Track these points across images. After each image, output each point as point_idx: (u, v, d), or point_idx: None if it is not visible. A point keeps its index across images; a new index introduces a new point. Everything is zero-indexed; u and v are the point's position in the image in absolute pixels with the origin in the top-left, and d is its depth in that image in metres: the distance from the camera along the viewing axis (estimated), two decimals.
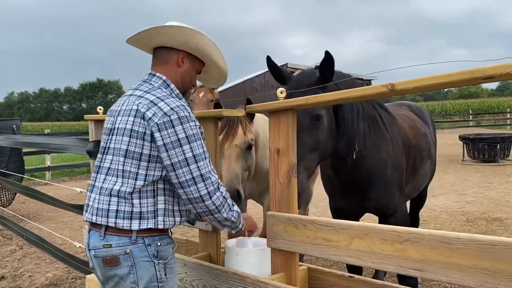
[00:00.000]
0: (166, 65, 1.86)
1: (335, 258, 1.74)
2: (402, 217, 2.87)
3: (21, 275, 4.50)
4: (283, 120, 1.99)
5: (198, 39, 1.83)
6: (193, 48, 1.85)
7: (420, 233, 1.48)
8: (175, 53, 1.85)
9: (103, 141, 1.82)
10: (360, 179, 2.74)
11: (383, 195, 2.80)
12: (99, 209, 1.70)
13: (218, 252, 2.39)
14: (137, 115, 1.69)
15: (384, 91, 1.59)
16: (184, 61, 1.87)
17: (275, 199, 2.05)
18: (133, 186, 1.67)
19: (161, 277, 1.70)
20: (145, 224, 1.66)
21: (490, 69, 1.32)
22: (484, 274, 1.32)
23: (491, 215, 6.28)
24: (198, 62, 1.93)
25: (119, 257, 1.64)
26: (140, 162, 1.68)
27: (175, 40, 1.81)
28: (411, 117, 3.60)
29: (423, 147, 3.41)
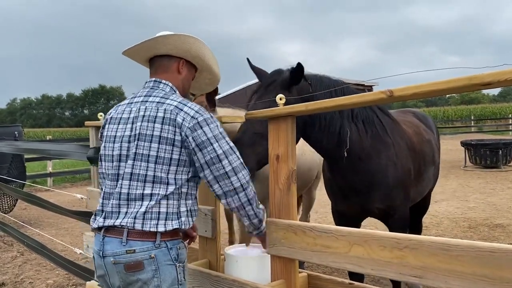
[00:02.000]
0: (168, 72, 1.91)
1: (334, 265, 1.73)
2: (401, 219, 2.91)
3: (22, 282, 4.50)
4: (282, 126, 1.99)
5: (198, 47, 1.92)
6: (194, 55, 1.93)
7: (419, 240, 1.48)
8: (176, 61, 1.92)
9: (117, 149, 1.79)
10: (359, 182, 2.76)
11: (384, 198, 2.82)
12: (127, 213, 1.70)
13: (218, 258, 2.38)
14: (165, 121, 1.73)
15: (382, 97, 1.60)
16: (183, 68, 1.94)
17: (275, 205, 2.04)
18: (166, 190, 1.73)
19: (181, 280, 1.76)
20: (170, 225, 1.71)
21: (487, 75, 1.32)
22: (483, 281, 1.32)
23: (493, 221, 6.26)
24: (193, 69, 2.02)
25: (143, 262, 1.66)
26: (170, 167, 1.73)
27: (179, 48, 1.88)
28: (415, 123, 3.64)
29: (427, 152, 3.44)
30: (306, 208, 4.79)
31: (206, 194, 2.41)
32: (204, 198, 2.43)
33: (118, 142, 1.80)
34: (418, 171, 3.19)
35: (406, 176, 2.92)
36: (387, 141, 2.82)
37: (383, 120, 2.88)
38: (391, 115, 3.10)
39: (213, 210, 2.35)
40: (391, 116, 3.07)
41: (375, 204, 2.84)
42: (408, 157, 2.97)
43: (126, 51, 1.93)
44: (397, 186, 2.83)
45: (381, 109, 2.97)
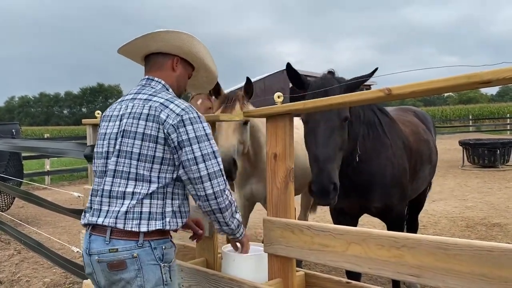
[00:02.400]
0: (162, 70, 1.89)
1: (331, 263, 1.72)
2: (398, 216, 2.99)
3: (19, 280, 4.48)
4: (280, 125, 1.98)
5: (191, 43, 1.88)
6: (187, 52, 1.90)
7: (417, 239, 1.47)
8: (170, 58, 1.90)
9: (105, 146, 1.80)
10: (361, 182, 2.80)
11: (383, 197, 2.88)
12: (108, 211, 1.70)
13: (215, 257, 2.37)
14: (149, 118, 1.71)
15: (381, 96, 1.59)
16: (178, 65, 1.92)
17: (272, 204, 2.04)
18: (148, 188, 1.70)
19: (167, 280, 1.72)
20: (153, 226, 1.68)
21: (487, 73, 1.31)
22: (481, 280, 1.31)
23: (491, 221, 6.26)
24: (189, 67, 1.98)
25: (126, 261, 1.65)
26: (153, 165, 1.71)
27: (171, 45, 1.85)
28: (415, 123, 3.68)
29: (424, 152, 3.48)
30: (305, 207, 4.79)
31: None
32: None
33: (106, 139, 1.81)
34: (414, 170, 3.23)
35: (403, 175, 2.96)
36: (386, 142, 2.86)
37: (383, 121, 2.93)
38: (389, 114, 3.13)
39: None
40: (389, 115, 3.11)
41: (374, 203, 2.90)
42: (404, 156, 3.02)
43: (120, 49, 1.92)
44: (395, 185, 2.88)
45: (380, 110, 3.01)
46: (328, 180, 2.19)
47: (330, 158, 2.24)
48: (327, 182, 2.19)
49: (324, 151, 2.24)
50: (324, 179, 2.19)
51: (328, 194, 2.19)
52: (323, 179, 2.19)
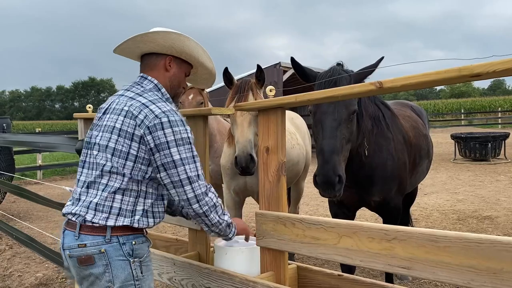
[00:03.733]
0: (155, 70, 1.88)
1: (323, 256, 1.73)
2: (395, 209, 3.03)
3: (10, 275, 4.45)
4: (272, 118, 1.98)
5: (183, 42, 1.84)
6: (179, 51, 1.87)
7: (408, 231, 1.48)
8: (163, 58, 1.88)
9: (89, 136, 1.83)
10: (362, 175, 2.82)
11: (383, 190, 2.90)
12: (83, 201, 1.71)
13: (207, 251, 2.38)
14: (127, 115, 1.72)
15: (372, 89, 1.59)
16: (172, 65, 1.89)
17: (264, 197, 2.04)
18: (121, 182, 1.70)
19: (138, 275, 1.71)
20: (121, 221, 1.68)
21: (477, 67, 1.32)
22: (470, 272, 1.32)
23: (482, 214, 6.32)
24: (185, 65, 1.95)
25: (94, 257, 1.65)
26: (126, 162, 1.71)
27: (161, 45, 1.84)
28: (414, 118, 3.71)
29: (422, 147, 3.52)
30: (295, 200, 4.80)
31: None
32: None
33: (91, 131, 1.85)
34: (413, 164, 3.26)
35: (402, 169, 2.99)
36: (388, 136, 2.89)
37: (386, 115, 2.94)
38: (391, 109, 3.15)
39: None
40: (391, 109, 3.13)
41: (374, 196, 2.92)
42: (404, 150, 3.04)
43: (115, 50, 1.91)
44: (395, 179, 2.92)
45: (383, 103, 3.03)
46: (333, 172, 2.18)
47: (336, 150, 2.23)
48: (331, 174, 2.18)
49: (330, 142, 2.24)
50: (329, 171, 2.18)
51: (333, 186, 2.18)
52: (328, 170, 2.18)
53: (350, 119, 2.37)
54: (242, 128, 2.90)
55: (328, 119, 2.29)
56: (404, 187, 3.12)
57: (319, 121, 2.34)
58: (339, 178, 2.20)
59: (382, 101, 3.05)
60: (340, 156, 2.26)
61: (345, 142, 2.34)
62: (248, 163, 2.82)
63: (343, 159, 2.32)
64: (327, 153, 2.22)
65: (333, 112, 2.29)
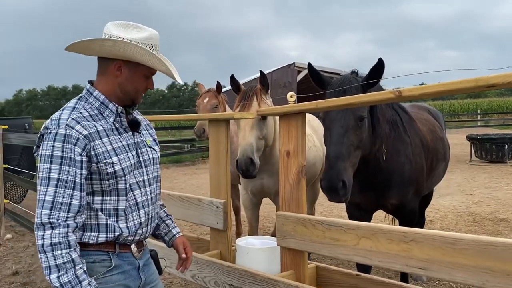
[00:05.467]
0: (105, 74, 1.71)
1: (343, 257, 1.81)
2: (411, 212, 3.08)
3: (35, 271, 4.62)
4: (293, 123, 2.06)
5: (121, 48, 1.64)
6: (122, 57, 1.67)
7: (425, 234, 1.55)
8: (111, 62, 1.68)
9: None
10: (379, 179, 2.87)
11: (400, 194, 2.95)
12: None
13: (229, 250, 2.47)
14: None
15: (391, 97, 1.66)
16: (123, 69, 1.68)
17: (285, 199, 2.12)
18: None
19: None
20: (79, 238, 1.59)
21: (493, 78, 1.38)
22: (486, 273, 1.39)
23: (498, 216, 6.29)
24: (144, 67, 1.70)
25: None
26: None
27: (103, 52, 1.67)
28: (431, 121, 3.75)
29: (439, 150, 3.57)
30: (311, 201, 4.86)
31: (218, 187, 2.49)
32: (216, 191, 2.51)
33: None
34: (430, 167, 3.31)
35: (419, 173, 3.04)
36: (406, 140, 2.94)
37: (404, 119, 3.00)
38: (409, 113, 3.20)
39: (224, 203, 2.43)
40: (409, 113, 3.18)
41: (391, 199, 2.98)
42: (421, 154, 3.09)
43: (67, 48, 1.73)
44: (412, 182, 2.97)
45: (401, 107, 3.08)
46: (337, 178, 2.23)
47: (341, 156, 2.28)
48: (335, 179, 2.23)
49: (336, 149, 2.30)
50: (333, 176, 2.23)
51: (336, 191, 2.23)
52: (331, 176, 2.24)
53: (358, 126, 2.41)
54: (244, 132, 2.99)
55: (336, 126, 2.35)
56: (421, 191, 3.17)
57: (328, 128, 2.41)
58: (343, 183, 2.23)
59: (400, 105, 3.10)
60: (346, 162, 2.29)
61: (353, 148, 2.38)
62: (248, 166, 2.90)
63: (350, 165, 2.35)
64: (333, 159, 2.27)
65: (340, 119, 2.35)
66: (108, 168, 1.58)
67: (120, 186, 1.63)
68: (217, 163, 2.52)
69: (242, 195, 3.79)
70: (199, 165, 15.02)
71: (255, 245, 2.29)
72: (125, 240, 1.66)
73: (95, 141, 1.57)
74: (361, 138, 2.45)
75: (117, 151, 1.62)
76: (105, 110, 1.66)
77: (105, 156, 1.58)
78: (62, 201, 1.49)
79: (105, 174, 1.58)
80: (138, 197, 1.69)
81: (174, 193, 2.82)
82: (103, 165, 1.56)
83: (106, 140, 1.61)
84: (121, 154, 1.63)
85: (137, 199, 1.68)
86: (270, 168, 3.49)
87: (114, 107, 1.66)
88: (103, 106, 1.66)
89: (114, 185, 1.62)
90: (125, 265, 1.67)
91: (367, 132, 2.52)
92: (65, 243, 1.47)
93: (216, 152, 2.52)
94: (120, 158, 1.62)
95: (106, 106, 1.66)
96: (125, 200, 1.65)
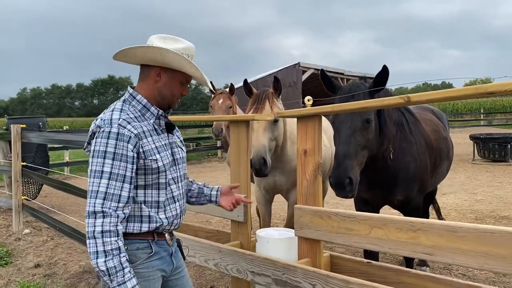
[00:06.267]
0: (145, 80, 1.88)
1: (356, 245, 2.02)
2: (416, 208, 3.28)
3: (56, 263, 4.84)
4: (310, 124, 2.27)
5: (162, 56, 1.81)
6: (162, 63, 1.84)
7: (431, 223, 1.76)
8: (152, 69, 1.86)
9: None
10: (386, 177, 3.09)
11: (406, 190, 3.17)
12: None
13: (248, 240, 2.68)
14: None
15: (401, 102, 1.87)
16: (162, 75, 1.86)
17: (302, 193, 2.33)
18: None
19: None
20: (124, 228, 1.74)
21: (491, 86, 1.58)
22: (483, 257, 1.59)
23: (500, 213, 6.48)
24: (179, 73, 1.88)
25: None
26: None
27: (143, 59, 1.85)
28: (435, 122, 3.96)
29: (443, 149, 3.78)
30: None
31: (238, 181, 2.70)
32: None
33: None
34: (434, 166, 3.52)
35: (424, 171, 3.25)
36: (411, 140, 3.15)
37: (409, 121, 3.21)
38: (415, 114, 3.42)
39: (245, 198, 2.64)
40: (414, 115, 3.40)
41: (396, 196, 3.19)
42: (426, 153, 3.30)
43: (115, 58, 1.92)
44: (417, 180, 3.19)
45: (407, 109, 3.29)
46: (344, 174, 2.42)
47: (349, 155, 2.48)
48: (342, 176, 2.42)
49: (344, 148, 2.50)
50: (340, 173, 2.42)
51: (343, 187, 2.42)
52: (339, 173, 2.43)
53: (365, 128, 2.60)
54: (257, 134, 3.21)
55: (344, 127, 2.55)
56: (425, 187, 3.38)
57: (337, 129, 2.62)
58: (349, 180, 2.42)
59: (406, 107, 3.30)
60: (353, 161, 2.48)
61: (360, 148, 2.57)
62: (261, 166, 3.14)
63: (357, 163, 2.54)
64: (340, 157, 2.47)
65: (348, 121, 2.55)
66: (153, 164, 1.77)
67: (161, 180, 1.82)
68: (238, 162, 2.73)
69: (256, 191, 4.00)
70: (205, 163, 15.25)
71: (274, 235, 2.50)
72: (163, 229, 1.85)
73: (143, 139, 1.75)
74: (367, 138, 2.63)
75: (159, 149, 1.81)
76: (147, 112, 1.84)
77: (151, 153, 1.77)
78: (114, 192, 1.65)
79: (150, 169, 1.77)
80: (174, 191, 1.88)
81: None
82: (149, 161, 1.76)
83: (150, 139, 1.79)
84: (162, 152, 1.82)
85: (174, 193, 1.88)
86: (281, 166, 3.70)
87: (156, 110, 1.85)
88: (145, 109, 1.84)
89: (156, 180, 1.81)
90: (162, 252, 1.85)
91: (374, 134, 2.71)
92: (115, 231, 1.63)
93: (237, 151, 2.73)
94: (162, 156, 1.81)
95: (147, 109, 1.84)
96: (164, 193, 1.84)
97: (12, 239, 5.79)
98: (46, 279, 4.42)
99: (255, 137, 3.21)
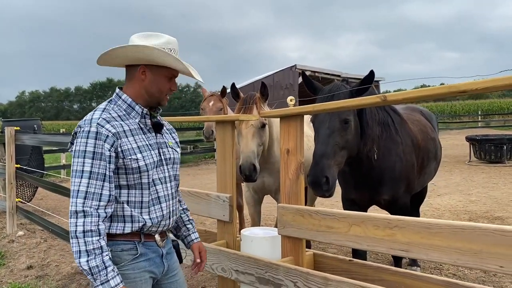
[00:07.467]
0: (132, 80, 1.88)
1: (336, 242, 2.04)
2: (403, 207, 3.31)
3: (48, 265, 4.86)
4: (292, 124, 2.29)
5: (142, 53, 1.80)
6: (147, 61, 1.83)
7: (406, 220, 1.78)
8: (135, 68, 1.86)
9: None
10: (372, 177, 3.12)
11: (392, 190, 3.20)
12: None
13: (234, 240, 2.70)
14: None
15: (378, 101, 1.89)
16: (146, 73, 1.85)
17: (285, 193, 2.35)
18: None
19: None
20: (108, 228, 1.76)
21: (463, 85, 1.61)
22: (457, 252, 1.62)
23: (493, 214, 6.50)
24: (166, 69, 1.87)
25: None
26: None
27: (126, 59, 1.85)
28: (423, 122, 3.99)
29: (430, 149, 3.80)
30: (311, 199, 5.09)
31: (224, 183, 2.73)
32: (222, 186, 2.75)
33: None
34: (421, 166, 3.54)
35: (410, 171, 3.27)
36: (397, 140, 3.18)
37: (395, 121, 3.24)
38: (401, 114, 3.45)
39: (230, 197, 2.67)
40: (401, 115, 3.42)
41: (383, 195, 3.22)
42: (412, 153, 3.33)
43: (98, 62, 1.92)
44: (403, 179, 3.21)
45: (393, 109, 3.32)
46: (321, 174, 2.45)
47: (326, 155, 2.51)
48: (319, 175, 2.45)
49: (321, 148, 2.53)
50: (317, 172, 2.45)
51: (320, 186, 2.45)
52: (316, 172, 2.46)
53: (343, 128, 2.63)
54: (246, 140, 3.23)
55: (323, 127, 2.59)
56: (412, 187, 3.40)
57: (316, 129, 2.66)
58: (326, 179, 2.45)
59: (392, 107, 3.33)
60: (330, 160, 2.52)
61: (338, 148, 2.60)
62: (251, 172, 3.17)
63: (335, 163, 2.57)
64: (318, 157, 2.50)
65: (326, 121, 2.59)
66: (133, 163, 1.76)
67: (144, 180, 1.80)
68: (223, 161, 2.76)
69: (245, 192, 4.03)
70: (202, 166, 15.27)
71: (259, 234, 2.52)
72: (149, 230, 1.82)
73: (122, 139, 1.74)
74: (346, 139, 2.66)
75: (141, 149, 1.79)
76: (132, 111, 1.83)
77: (130, 153, 1.76)
78: (94, 191, 1.65)
79: (130, 168, 1.76)
80: (160, 192, 1.85)
81: (183, 189, 3.05)
82: (128, 160, 1.75)
83: (132, 139, 1.78)
84: (145, 151, 1.81)
85: (159, 193, 1.85)
86: (269, 167, 3.74)
87: (140, 108, 1.84)
88: (130, 108, 1.83)
89: (138, 180, 1.79)
90: (150, 253, 1.83)
91: (354, 134, 2.73)
92: (96, 231, 1.62)
93: (223, 151, 2.76)
94: (144, 155, 1.79)
95: (132, 108, 1.83)
96: (148, 193, 1.81)
97: (5, 241, 5.80)
98: (37, 281, 4.44)
99: (244, 143, 3.24)
